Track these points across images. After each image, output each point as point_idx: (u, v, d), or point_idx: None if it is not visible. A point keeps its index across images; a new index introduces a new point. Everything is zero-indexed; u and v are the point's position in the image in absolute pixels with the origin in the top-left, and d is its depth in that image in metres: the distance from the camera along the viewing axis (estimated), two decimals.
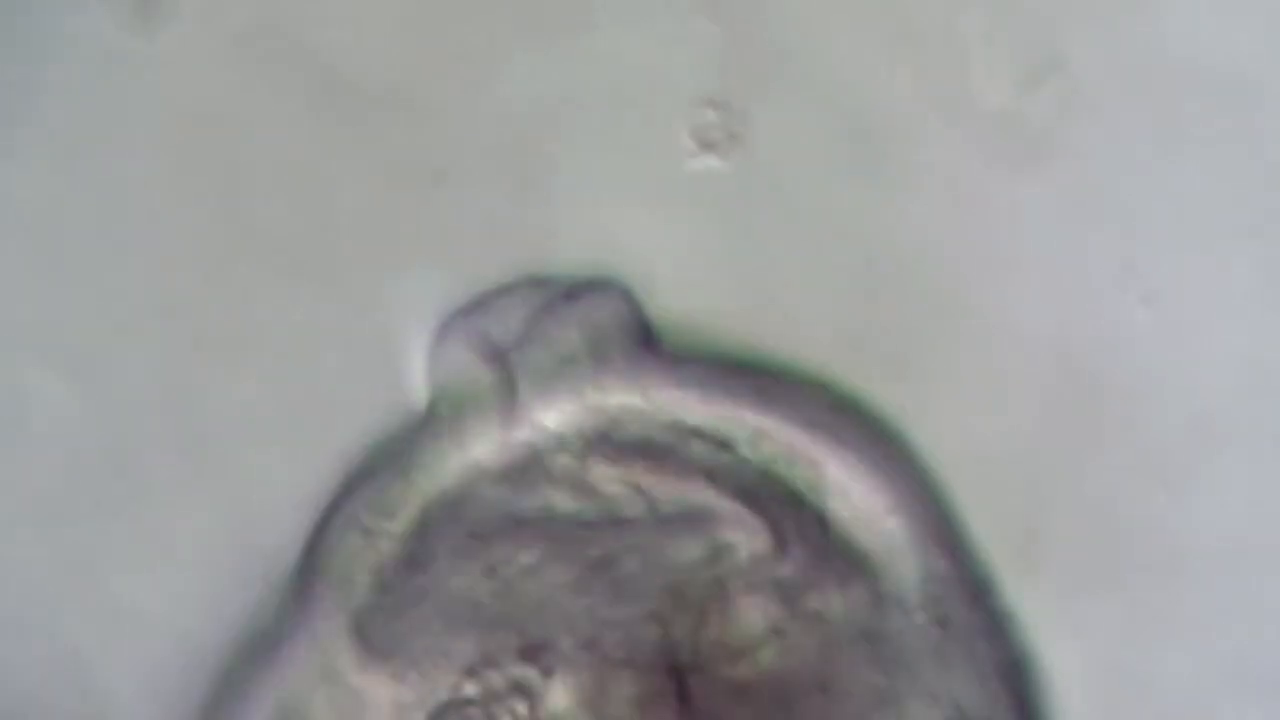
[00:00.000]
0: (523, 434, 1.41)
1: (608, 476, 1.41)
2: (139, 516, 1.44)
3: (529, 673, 1.37)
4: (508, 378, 1.41)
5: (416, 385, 1.43)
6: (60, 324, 1.45)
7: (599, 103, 1.45)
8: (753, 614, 1.38)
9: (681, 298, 1.45)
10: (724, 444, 1.42)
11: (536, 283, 1.44)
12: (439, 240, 1.45)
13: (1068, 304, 1.44)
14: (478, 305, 1.43)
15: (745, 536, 1.39)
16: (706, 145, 1.45)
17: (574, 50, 1.45)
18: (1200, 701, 1.42)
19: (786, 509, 1.40)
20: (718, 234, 1.45)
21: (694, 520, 1.40)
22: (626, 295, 1.43)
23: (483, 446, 1.41)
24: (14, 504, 1.44)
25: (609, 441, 1.41)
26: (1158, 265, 1.44)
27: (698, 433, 1.42)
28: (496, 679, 1.37)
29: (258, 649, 1.41)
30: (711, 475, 1.41)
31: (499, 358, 1.41)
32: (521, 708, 1.37)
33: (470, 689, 1.37)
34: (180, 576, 1.43)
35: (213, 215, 1.45)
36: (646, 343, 1.43)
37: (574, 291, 1.43)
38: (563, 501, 1.40)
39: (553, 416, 1.41)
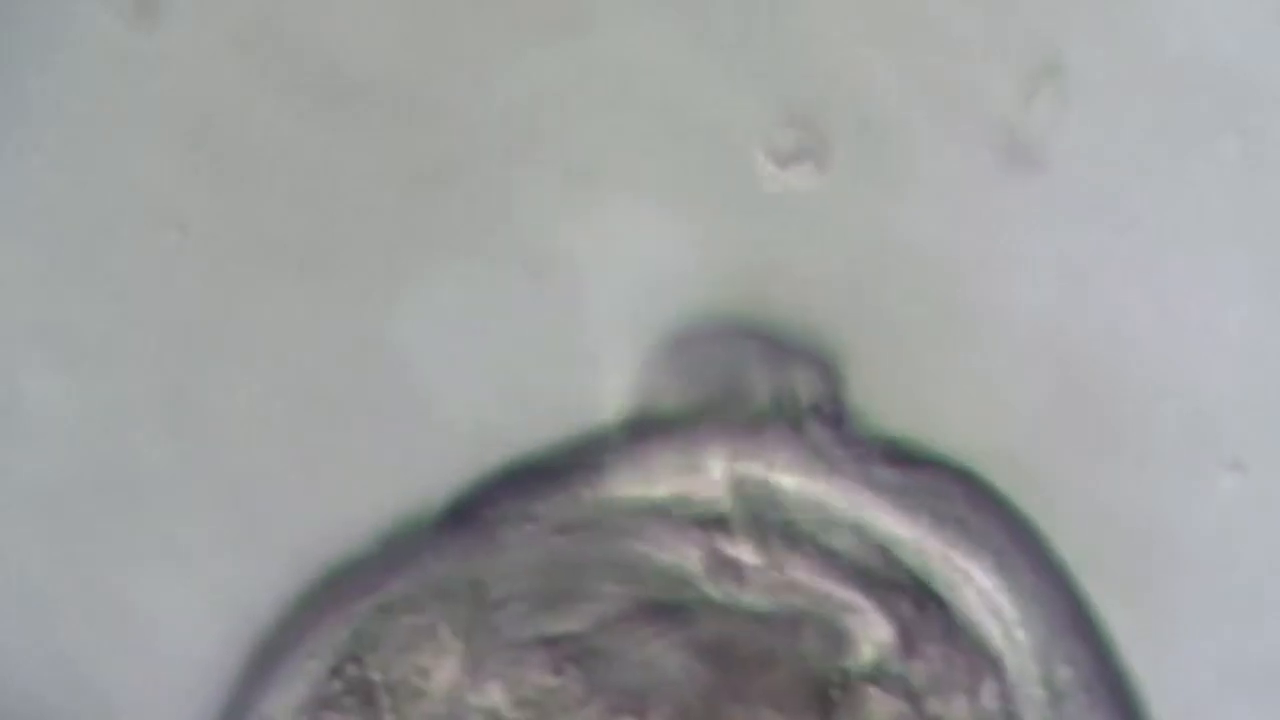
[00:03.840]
0: (693, 480, 1.39)
1: (750, 553, 1.38)
2: (139, 516, 1.44)
3: None
4: (700, 415, 1.39)
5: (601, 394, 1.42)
6: (60, 324, 1.44)
7: (599, 103, 1.45)
8: (877, 710, 1.36)
9: (680, 290, 1.45)
10: (858, 533, 1.39)
11: (742, 329, 1.42)
12: (441, 241, 1.45)
13: (1067, 304, 1.44)
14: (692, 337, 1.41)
15: (872, 631, 1.37)
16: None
17: (574, 50, 1.45)
18: (1198, 700, 1.43)
19: (914, 602, 1.39)
20: (715, 228, 1.45)
21: (820, 612, 1.37)
22: (829, 369, 1.42)
23: (658, 481, 1.40)
24: (13, 504, 1.44)
25: (759, 519, 1.39)
26: (1158, 264, 1.44)
27: (835, 519, 1.39)
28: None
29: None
30: (845, 565, 1.38)
31: (698, 393, 1.40)
32: None
33: None
34: (181, 576, 1.43)
35: (212, 213, 1.45)
36: (834, 424, 1.41)
37: (778, 348, 1.41)
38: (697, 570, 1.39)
39: (720, 472, 1.40)
